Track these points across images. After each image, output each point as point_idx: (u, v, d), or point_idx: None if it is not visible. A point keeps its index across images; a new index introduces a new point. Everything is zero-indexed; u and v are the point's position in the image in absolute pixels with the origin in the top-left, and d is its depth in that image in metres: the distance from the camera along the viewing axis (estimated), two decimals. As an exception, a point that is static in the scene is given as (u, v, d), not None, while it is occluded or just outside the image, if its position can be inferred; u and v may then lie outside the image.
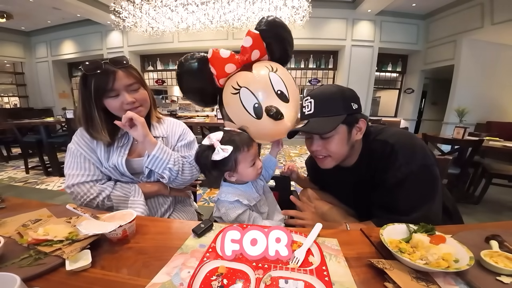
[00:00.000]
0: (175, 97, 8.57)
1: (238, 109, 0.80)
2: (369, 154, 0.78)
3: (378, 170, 0.74)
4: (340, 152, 0.76)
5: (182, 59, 0.86)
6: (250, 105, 0.78)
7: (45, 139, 3.21)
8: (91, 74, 0.77)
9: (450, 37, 4.98)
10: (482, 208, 2.41)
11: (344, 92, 0.75)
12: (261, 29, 0.84)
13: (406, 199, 0.69)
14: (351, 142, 0.76)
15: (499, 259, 0.46)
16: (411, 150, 0.71)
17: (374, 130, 0.81)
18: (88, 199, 0.80)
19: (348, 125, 0.74)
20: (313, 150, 0.79)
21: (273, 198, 0.93)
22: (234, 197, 0.74)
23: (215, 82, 0.84)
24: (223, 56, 0.80)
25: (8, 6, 5.28)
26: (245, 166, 0.74)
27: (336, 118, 0.71)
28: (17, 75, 7.34)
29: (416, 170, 0.68)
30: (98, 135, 0.82)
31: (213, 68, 0.81)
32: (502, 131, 3.66)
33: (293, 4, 4.12)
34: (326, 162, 0.79)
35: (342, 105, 0.73)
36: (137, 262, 0.50)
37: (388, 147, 0.72)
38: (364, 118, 0.76)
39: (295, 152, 5.05)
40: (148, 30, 4.83)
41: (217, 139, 0.70)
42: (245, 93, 0.78)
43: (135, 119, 0.77)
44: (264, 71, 0.82)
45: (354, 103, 0.74)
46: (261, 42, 0.83)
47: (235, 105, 0.80)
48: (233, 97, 0.80)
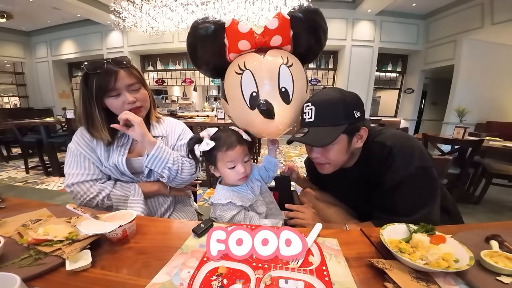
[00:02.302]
0: (175, 97, 8.59)
1: (236, 92, 0.74)
2: (368, 156, 0.78)
3: (377, 172, 0.73)
4: (339, 160, 0.76)
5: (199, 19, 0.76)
6: (248, 92, 0.72)
7: (45, 139, 3.21)
8: (93, 73, 0.77)
9: (450, 37, 4.98)
10: (482, 208, 2.41)
11: (347, 99, 0.71)
12: (294, 15, 0.73)
13: (405, 201, 0.69)
14: (351, 150, 0.76)
15: (499, 259, 0.47)
16: (408, 152, 0.70)
17: (373, 131, 0.80)
18: (88, 198, 0.80)
19: (348, 134, 0.72)
20: (312, 157, 0.79)
21: (272, 198, 0.93)
22: (227, 199, 0.75)
23: (226, 54, 0.77)
24: (241, 30, 0.72)
25: (8, 6, 5.29)
26: (223, 165, 0.74)
27: (336, 129, 0.69)
28: (17, 75, 7.33)
29: (414, 173, 0.67)
30: (99, 134, 0.82)
31: (227, 39, 0.74)
32: (502, 131, 3.66)
33: (293, 4, 4.12)
34: (325, 168, 0.79)
35: (344, 113, 0.70)
36: (137, 262, 0.50)
37: (386, 149, 0.71)
38: (366, 126, 0.74)
39: (295, 152, 5.05)
40: (148, 30, 4.83)
41: (208, 133, 0.73)
42: (247, 78, 0.72)
43: (131, 119, 0.77)
44: (277, 61, 0.73)
45: (357, 110, 0.71)
46: (287, 29, 0.73)
47: (235, 86, 0.74)
48: (235, 77, 0.74)
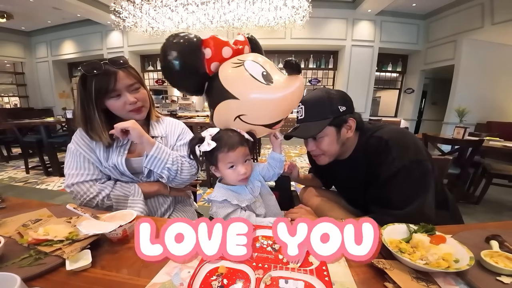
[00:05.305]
0: (175, 97, 8.58)
1: (244, 78, 0.73)
2: (365, 149, 0.83)
3: (373, 164, 0.78)
4: (332, 150, 0.85)
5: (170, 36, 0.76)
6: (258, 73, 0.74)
7: (45, 139, 3.21)
8: (91, 75, 0.77)
9: (450, 37, 4.98)
10: (482, 208, 2.41)
11: (331, 97, 0.82)
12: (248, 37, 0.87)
13: (399, 193, 0.72)
14: (342, 140, 0.85)
15: (499, 259, 0.47)
16: (403, 145, 0.74)
17: (373, 127, 0.86)
18: (87, 198, 0.80)
19: (336, 126, 0.82)
20: (309, 149, 0.91)
21: (274, 202, 0.91)
22: (223, 197, 0.76)
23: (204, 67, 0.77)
24: (222, 39, 0.78)
25: (8, 6, 5.29)
26: (224, 166, 0.75)
27: (322, 122, 0.80)
28: (17, 75, 7.34)
29: (409, 165, 0.71)
30: (98, 137, 0.82)
31: (208, 50, 0.76)
32: (502, 131, 3.64)
33: (293, 4, 4.12)
34: (321, 159, 0.90)
35: (329, 109, 0.81)
36: (137, 262, 0.50)
37: (382, 142, 0.76)
38: (353, 117, 0.83)
39: (295, 152, 5.05)
40: (148, 30, 4.84)
41: (210, 134, 0.74)
42: (251, 64, 0.75)
43: (122, 127, 0.76)
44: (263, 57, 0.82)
45: (341, 105, 0.82)
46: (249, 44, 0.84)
47: (239, 75, 0.74)
48: (235, 69, 0.75)
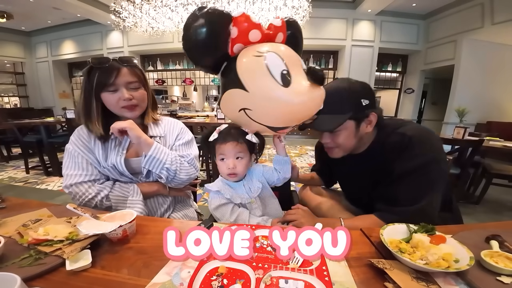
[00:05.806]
0: (175, 97, 8.58)
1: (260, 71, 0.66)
2: (383, 145, 0.80)
3: (387, 161, 0.76)
4: (348, 144, 0.81)
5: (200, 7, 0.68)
6: (277, 71, 0.66)
7: (45, 139, 3.21)
8: (97, 67, 0.80)
9: (450, 37, 4.98)
10: (482, 208, 2.41)
11: (354, 89, 0.78)
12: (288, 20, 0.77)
13: (409, 191, 0.71)
14: (360, 135, 0.80)
15: (499, 259, 0.47)
16: (427, 143, 0.73)
17: (393, 123, 0.83)
18: (86, 199, 0.80)
19: (356, 120, 0.77)
20: (323, 142, 0.85)
21: (278, 205, 0.90)
22: (217, 188, 0.80)
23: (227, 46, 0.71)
24: (254, 20, 0.69)
25: (8, 6, 5.29)
26: (217, 157, 0.80)
27: (342, 117, 0.75)
28: (17, 75, 7.33)
29: (428, 164, 0.70)
30: (93, 127, 0.83)
31: (235, 29, 0.68)
32: (502, 131, 3.65)
33: (293, 4, 4.12)
34: (334, 152, 0.85)
35: (350, 102, 0.76)
36: (137, 262, 0.50)
37: (406, 138, 0.74)
38: (375, 112, 0.78)
39: (295, 152, 5.05)
40: (148, 30, 4.82)
41: (219, 128, 0.79)
42: (273, 57, 0.67)
43: (120, 127, 0.78)
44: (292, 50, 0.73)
45: (364, 99, 0.76)
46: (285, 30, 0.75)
47: (256, 67, 0.67)
48: (254, 59, 0.68)
